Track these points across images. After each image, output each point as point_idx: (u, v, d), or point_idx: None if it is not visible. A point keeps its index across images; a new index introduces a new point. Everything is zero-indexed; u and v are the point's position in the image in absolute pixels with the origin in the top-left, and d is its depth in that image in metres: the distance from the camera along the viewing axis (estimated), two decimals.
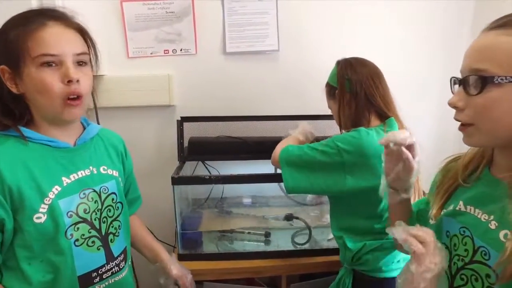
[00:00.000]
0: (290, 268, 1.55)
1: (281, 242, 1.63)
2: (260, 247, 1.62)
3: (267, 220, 1.74)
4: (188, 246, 1.59)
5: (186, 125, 1.72)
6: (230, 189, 1.89)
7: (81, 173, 0.91)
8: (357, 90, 1.23)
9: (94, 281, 0.93)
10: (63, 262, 0.86)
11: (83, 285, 0.91)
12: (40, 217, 0.83)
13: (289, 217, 1.68)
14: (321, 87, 1.41)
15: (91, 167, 0.94)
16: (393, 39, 1.85)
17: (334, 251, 1.55)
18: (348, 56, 1.35)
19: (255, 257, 1.56)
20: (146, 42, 1.77)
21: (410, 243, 0.72)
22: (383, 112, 1.25)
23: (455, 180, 0.81)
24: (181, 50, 1.80)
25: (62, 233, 0.86)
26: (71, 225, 0.87)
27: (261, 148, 1.65)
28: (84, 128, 0.98)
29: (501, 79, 0.63)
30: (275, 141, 1.65)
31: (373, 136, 1.18)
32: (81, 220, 0.89)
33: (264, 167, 1.53)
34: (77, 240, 0.89)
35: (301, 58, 1.83)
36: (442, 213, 0.82)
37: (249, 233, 1.67)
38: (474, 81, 0.66)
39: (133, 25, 1.75)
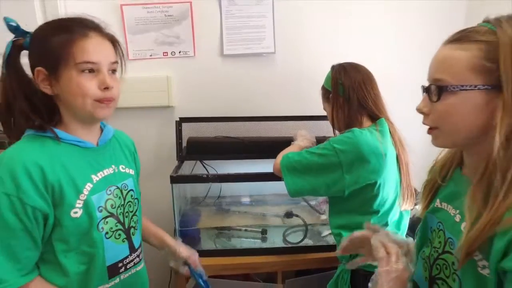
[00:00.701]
0: (285, 265, 1.59)
1: (277, 239, 1.68)
2: (257, 244, 1.67)
3: (264, 218, 1.78)
4: (187, 243, 1.62)
5: (184, 125, 1.76)
6: (228, 188, 1.93)
7: (106, 171, 0.98)
8: (350, 94, 1.29)
9: (120, 271, 1.00)
10: (95, 253, 0.93)
11: (111, 275, 0.97)
12: (77, 212, 0.89)
13: (289, 215, 1.73)
14: (317, 88, 1.46)
15: (113, 166, 1.00)
16: (388, 41, 1.89)
17: (328, 248, 1.61)
18: (342, 58, 1.40)
19: (252, 253, 1.60)
20: (145, 44, 1.81)
21: (377, 249, 0.80)
22: (374, 114, 1.31)
23: (435, 181, 0.88)
24: (179, 52, 1.84)
25: (95, 226, 0.92)
26: (101, 219, 0.94)
27: (258, 148, 1.70)
28: (102, 130, 1.03)
29: (453, 88, 0.69)
30: (272, 141, 1.71)
31: (367, 135, 1.23)
32: (109, 214, 0.96)
33: (261, 166, 1.58)
34: (106, 233, 0.95)
35: (297, 60, 1.87)
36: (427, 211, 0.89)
37: (246, 230, 1.71)
38: (434, 90, 0.72)
39: (133, 28, 1.79)
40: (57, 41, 0.85)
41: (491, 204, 0.64)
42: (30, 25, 1.46)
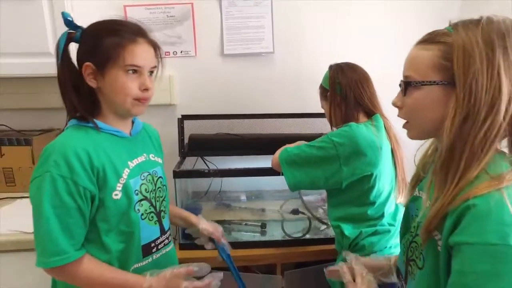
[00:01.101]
0: (284, 257, 1.64)
1: (276, 232, 1.73)
2: (256, 237, 1.72)
3: (263, 213, 1.84)
4: (188, 236, 1.69)
5: (186, 123, 1.81)
6: (228, 184, 1.98)
7: (140, 159, 1.06)
8: (347, 92, 1.35)
9: (152, 251, 1.08)
10: (133, 232, 1.01)
11: (145, 254, 1.06)
12: (117, 194, 0.98)
13: (295, 211, 1.78)
14: (314, 87, 1.51)
15: (144, 154, 1.09)
16: (385, 41, 1.94)
17: (326, 241, 1.66)
18: (340, 58, 1.46)
19: (252, 246, 1.65)
20: None
21: (344, 274, 0.94)
22: (370, 111, 1.37)
23: (419, 174, 0.94)
24: (181, 52, 1.89)
25: (132, 208, 1.01)
26: (137, 202, 1.02)
27: (257, 145, 1.75)
28: (133, 122, 1.12)
29: (416, 83, 0.77)
30: (271, 137, 1.76)
31: (363, 129, 1.30)
32: (143, 198, 1.04)
33: (260, 162, 1.62)
34: (142, 214, 1.04)
35: (295, 60, 1.92)
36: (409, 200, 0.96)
37: (246, 224, 1.76)
38: (403, 85, 0.81)
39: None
40: (109, 42, 0.94)
41: (447, 188, 0.71)
42: (39, 27, 1.52)
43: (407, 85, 0.79)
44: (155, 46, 1.03)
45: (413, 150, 1.03)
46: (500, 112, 0.69)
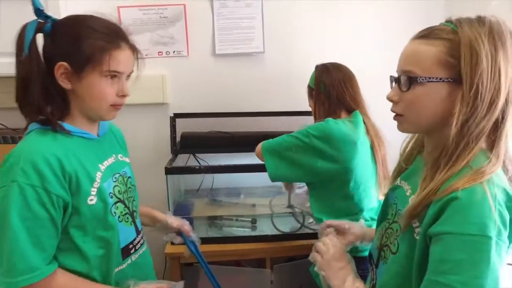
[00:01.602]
0: (273, 251, 1.68)
1: (266, 227, 1.77)
2: (247, 232, 1.76)
3: (253, 208, 1.88)
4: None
5: (178, 121, 1.86)
6: (220, 181, 2.02)
7: (110, 160, 1.02)
8: (330, 91, 1.41)
9: (131, 252, 1.05)
10: (112, 236, 0.97)
11: (124, 256, 1.02)
12: (92, 199, 0.92)
13: (291, 207, 1.81)
14: (303, 86, 1.56)
15: (113, 155, 1.04)
16: (371, 42, 2.00)
17: (314, 235, 1.70)
18: (328, 58, 1.51)
19: (242, 241, 1.70)
20: (141, 44, 1.79)
21: (314, 257, 0.97)
22: (352, 109, 1.42)
23: (401, 165, 0.96)
24: (174, 52, 1.93)
25: (109, 211, 0.96)
26: (113, 205, 0.98)
27: (248, 142, 1.77)
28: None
29: (422, 79, 0.76)
30: (261, 135, 1.79)
31: (340, 124, 1.34)
32: (118, 200, 1.00)
33: (250, 159, 1.66)
34: (119, 217, 1.00)
35: (285, 59, 1.97)
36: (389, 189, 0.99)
37: (237, 220, 1.81)
38: (404, 80, 0.78)
39: (129, 29, 1.87)
40: (91, 44, 0.88)
41: (435, 180, 0.73)
42: None
43: (410, 81, 0.77)
44: (135, 50, 0.99)
45: (396, 147, 1.07)
46: (496, 111, 0.72)
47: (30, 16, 1.54)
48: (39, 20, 0.89)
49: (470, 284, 0.64)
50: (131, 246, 1.05)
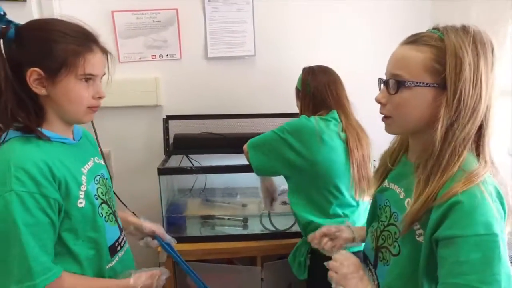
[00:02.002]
0: (264, 250, 1.72)
1: (257, 227, 1.81)
2: (238, 231, 1.81)
3: (245, 207, 1.93)
4: (174, 230, 1.78)
5: (171, 122, 1.90)
6: (213, 181, 2.06)
7: (90, 164, 1.04)
8: (315, 93, 1.46)
9: (117, 250, 1.08)
10: (100, 237, 1.00)
11: (112, 254, 1.05)
12: (82, 202, 0.95)
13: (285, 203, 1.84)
14: (292, 88, 1.60)
15: (92, 158, 1.06)
16: (362, 45, 2.04)
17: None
18: (317, 60, 1.56)
19: (234, 239, 1.74)
20: (135, 48, 1.94)
21: (330, 276, 0.93)
22: (333, 109, 1.46)
23: (386, 165, 1.00)
24: (167, 55, 1.97)
25: (97, 213, 0.99)
26: (99, 206, 1.01)
27: (239, 143, 1.80)
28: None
29: (410, 83, 0.79)
30: (252, 136, 1.83)
31: (312, 121, 1.40)
32: (102, 201, 1.03)
33: (241, 159, 1.70)
34: (105, 217, 1.03)
35: (275, 63, 2.02)
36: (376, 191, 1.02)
37: (229, 219, 1.85)
38: (393, 84, 0.82)
39: (123, 33, 1.92)
40: (63, 48, 0.88)
41: (430, 184, 0.77)
42: None
43: (399, 84, 0.81)
44: (107, 53, 0.99)
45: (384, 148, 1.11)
46: (479, 116, 0.76)
47: (20, 19, 1.55)
48: (0, 25, 0.87)
49: (489, 281, 0.69)
50: (117, 244, 1.08)
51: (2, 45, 0.88)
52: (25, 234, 0.83)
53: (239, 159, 1.74)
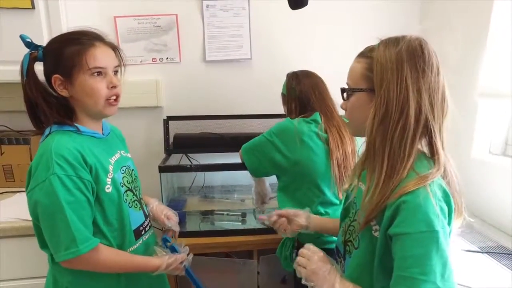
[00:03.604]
0: (261, 244, 1.79)
1: (254, 222, 1.88)
2: (236, 226, 1.88)
3: (242, 203, 2.01)
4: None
5: (171, 123, 1.97)
6: (211, 179, 2.14)
7: (116, 156, 1.16)
8: (300, 96, 1.53)
9: (142, 233, 1.20)
10: (125, 219, 1.12)
11: (137, 237, 1.18)
12: (109, 188, 1.08)
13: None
14: None
15: (118, 151, 1.19)
16: (350, 48, 2.11)
17: None
18: (309, 64, 1.64)
19: (231, 234, 1.81)
20: (136, 51, 2.02)
21: (299, 271, 0.97)
22: (317, 111, 1.52)
23: (363, 167, 1.05)
24: (167, 58, 2.05)
25: (122, 198, 1.12)
26: (124, 192, 1.13)
27: (236, 143, 1.88)
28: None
29: (353, 90, 0.91)
30: (249, 136, 1.90)
31: (294, 122, 1.47)
32: (127, 188, 1.16)
33: (238, 158, 1.78)
34: (129, 203, 1.15)
35: (271, 65, 2.09)
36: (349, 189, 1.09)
37: (227, 214, 1.93)
38: (344, 92, 0.94)
39: (125, 37, 1.99)
40: (70, 51, 1.02)
41: (376, 181, 0.84)
42: (37, 37, 1.65)
43: (344, 91, 0.94)
44: (114, 47, 1.10)
45: None
46: (409, 117, 0.82)
47: (31, 27, 1.61)
48: (31, 52, 1.04)
49: (427, 272, 0.77)
50: (141, 228, 1.20)
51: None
52: (67, 209, 0.97)
53: (236, 158, 1.79)
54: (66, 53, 1.02)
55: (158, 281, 1.27)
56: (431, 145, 0.87)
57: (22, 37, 1.04)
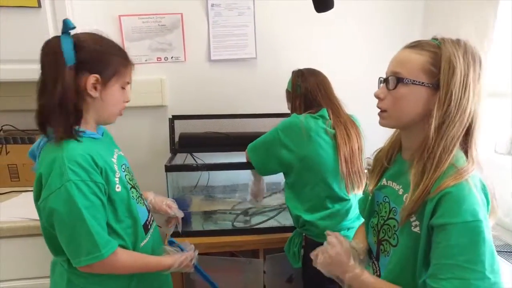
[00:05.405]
0: (266, 243, 1.79)
1: (259, 220, 1.89)
2: (241, 225, 1.88)
3: (247, 203, 2.00)
4: None
5: (176, 122, 1.97)
6: (216, 178, 2.14)
7: (115, 155, 1.18)
8: (305, 93, 1.55)
9: (149, 227, 1.23)
10: (135, 216, 1.14)
11: (145, 231, 1.20)
12: (118, 187, 1.09)
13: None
14: None
15: (116, 150, 1.21)
16: (354, 48, 2.13)
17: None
18: (315, 62, 1.65)
19: (237, 233, 1.81)
20: (141, 51, 2.01)
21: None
22: (323, 108, 1.54)
23: (382, 164, 1.08)
24: (172, 57, 2.05)
25: (130, 195, 1.13)
26: (130, 190, 1.15)
27: (241, 142, 1.88)
28: None
29: (407, 81, 0.89)
30: (254, 135, 1.90)
31: (300, 118, 1.48)
32: (131, 186, 1.18)
33: (243, 157, 1.77)
34: (136, 200, 1.18)
35: (276, 65, 2.09)
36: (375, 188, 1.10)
37: (231, 213, 1.93)
38: (392, 80, 0.92)
39: (130, 36, 1.99)
40: (118, 60, 1.07)
41: (425, 178, 0.86)
42: (43, 35, 1.66)
43: (398, 81, 0.90)
44: (133, 64, 1.17)
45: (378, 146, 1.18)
46: (465, 117, 0.86)
47: (36, 25, 1.61)
48: (67, 35, 1.00)
49: (475, 261, 0.78)
50: (147, 222, 1.23)
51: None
52: (86, 214, 0.98)
53: (241, 157, 1.80)
54: (114, 60, 1.07)
55: (165, 282, 1.30)
56: (466, 141, 0.89)
57: (67, 23, 1.00)
